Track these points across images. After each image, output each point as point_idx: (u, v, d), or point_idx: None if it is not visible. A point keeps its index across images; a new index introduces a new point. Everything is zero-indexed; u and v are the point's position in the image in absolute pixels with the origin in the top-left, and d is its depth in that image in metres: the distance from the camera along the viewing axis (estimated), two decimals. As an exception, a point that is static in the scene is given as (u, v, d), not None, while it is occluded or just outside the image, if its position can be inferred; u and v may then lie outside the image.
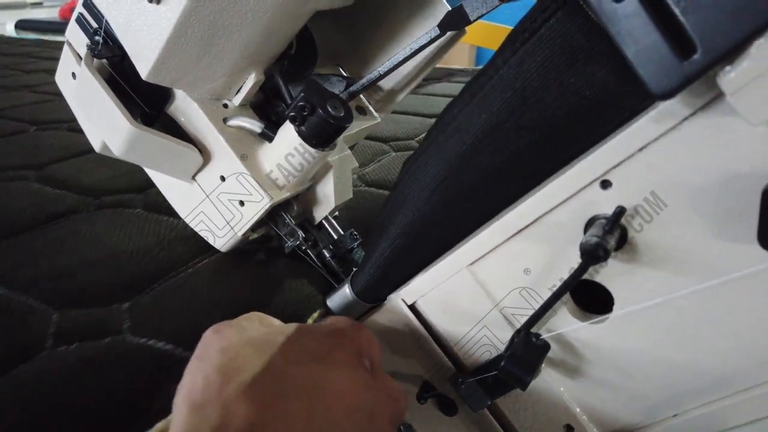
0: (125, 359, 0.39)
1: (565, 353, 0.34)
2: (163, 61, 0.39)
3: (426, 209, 0.35)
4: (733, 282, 0.28)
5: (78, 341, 0.40)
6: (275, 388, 0.27)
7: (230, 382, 0.26)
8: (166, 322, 0.42)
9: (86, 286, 0.46)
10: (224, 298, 0.46)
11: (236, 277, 0.49)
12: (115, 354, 0.39)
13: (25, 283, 0.45)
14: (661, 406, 0.32)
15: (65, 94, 0.49)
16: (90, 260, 0.49)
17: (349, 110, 0.43)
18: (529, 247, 0.32)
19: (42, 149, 0.76)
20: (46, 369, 0.37)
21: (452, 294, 0.36)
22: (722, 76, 0.23)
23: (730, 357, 0.30)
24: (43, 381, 0.36)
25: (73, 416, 0.34)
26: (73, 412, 0.34)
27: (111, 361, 0.38)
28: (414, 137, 0.88)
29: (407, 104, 1.06)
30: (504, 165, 0.32)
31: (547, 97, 0.29)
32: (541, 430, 0.36)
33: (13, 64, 1.45)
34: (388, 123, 0.96)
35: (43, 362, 0.38)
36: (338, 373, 0.29)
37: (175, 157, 0.44)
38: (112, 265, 0.49)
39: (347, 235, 0.50)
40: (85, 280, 0.47)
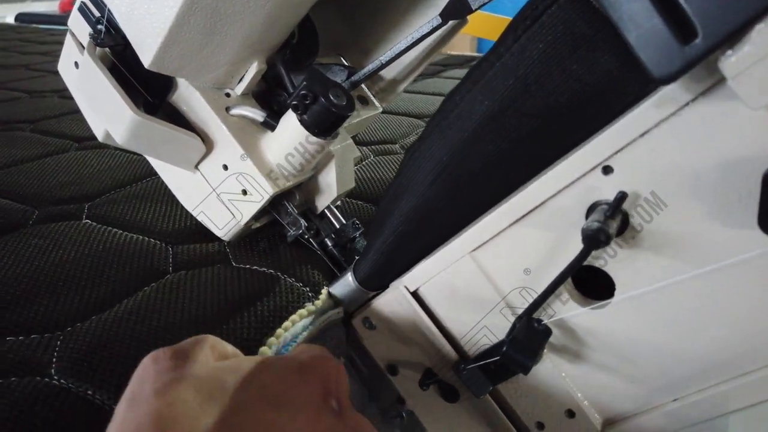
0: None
1: (566, 339, 0.34)
2: (165, 49, 0.39)
3: (429, 196, 0.35)
4: (734, 267, 0.28)
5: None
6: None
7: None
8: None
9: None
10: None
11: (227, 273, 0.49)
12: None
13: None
14: (662, 391, 0.33)
15: (68, 84, 0.49)
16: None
17: (351, 99, 0.43)
18: (530, 233, 0.33)
19: (38, 110, 0.95)
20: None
21: (454, 280, 0.36)
22: (723, 60, 0.23)
23: (730, 341, 0.30)
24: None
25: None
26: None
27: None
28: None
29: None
30: (506, 152, 0.32)
31: (549, 84, 0.29)
32: (542, 415, 0.37)
33: (11, 47, 1.55)
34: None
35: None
36: (301, 421, 0.25)
37: (178, 146, 0.44)
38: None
39: (349, 224, 0.50)
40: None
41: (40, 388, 0.34)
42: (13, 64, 1.37)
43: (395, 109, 0.99)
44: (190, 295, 0.44)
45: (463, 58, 1.57)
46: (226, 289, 0.45)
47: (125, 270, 0.47)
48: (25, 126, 0.87)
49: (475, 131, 0.32)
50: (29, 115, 0.93)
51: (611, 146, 0.28)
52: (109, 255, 0.49)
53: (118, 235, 0.53)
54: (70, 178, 0.66)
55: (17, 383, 0.34)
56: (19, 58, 1.45)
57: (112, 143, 0.47)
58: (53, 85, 1.15)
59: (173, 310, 0.42)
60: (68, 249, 0.50)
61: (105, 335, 0.39)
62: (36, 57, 1.45)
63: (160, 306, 0.42)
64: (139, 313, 0.41)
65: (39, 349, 0.38)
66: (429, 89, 1.17)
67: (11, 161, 0.71)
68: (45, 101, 1.03)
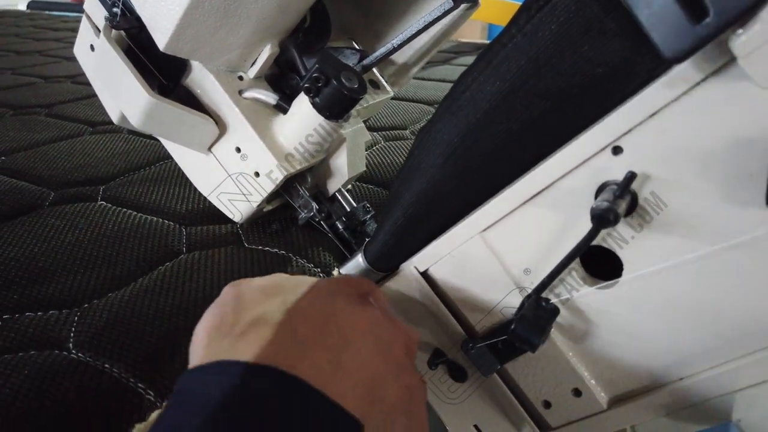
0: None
1: (573, 318, 0.35)
2: (180, 32, 0.40)
3: (439, 177, 0.36)
4: (742, 246, 0.28)
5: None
6: (288, 322, 0.27)
7: (242, 319, 0.28)
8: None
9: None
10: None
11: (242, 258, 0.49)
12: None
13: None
14: (668, 370, 0.33)
15: (83, 67, 0.50)
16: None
17: (363, 82, 0.44)
18: (540, 213, 0.33)
19: (52, 95, 0.97)
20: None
21: (465, 260, 0.37)
22: (734, 39, 0.23)
23: (737, 320, 0.30)
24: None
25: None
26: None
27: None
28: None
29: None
30: (517, 133, 0.32)
31: (561, 65, 0.30)
32: (549, 394, 0.37)
33: (25, 34, 1.58)
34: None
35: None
36: (347, 305, 0.30)
37: (191, 128, 0.45)
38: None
39: (360, 207, 0.51)
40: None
41: (58, 361, 0.35)
42: (27, 51, 1.39)
43: (405, 95, 0.99)
44: (204, 275, 0.45)
45: (473, 45, 1.57)
46: (239, 269, 0.46)
47: (140, 250, 0.48)
48: (40, 110, 0.88)
49: (486, 112, 0.32)
50: (44, 99, 0.94)
51: (621, 127, 0.29)
52: (124, 235, 0.50)
53: (133, 216, 0.54)
54: (85, 161, 0.67)
55: (36, 356, 0.35)
56: (33, 44, 1.47)
57: (127, 126, 0.47)
58: (67, 70, 1.16)
59: (187, 288, 0.43)
60: (84, 229, 0.51)
61: (121, 312, 0.40)
62: (50, 43, 1.47)
63: (175, 285, 0.43)
64: (154, 291, 0.42)
65: (57, 325, 0.39)
66: (439, 76, 1.17)
67: (27, 144, 0.72)
68: (59, 86, 1.04)
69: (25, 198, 0.57)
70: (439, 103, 0.35)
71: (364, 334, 0.29)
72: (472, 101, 0.33)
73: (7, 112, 0.87)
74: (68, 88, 1.02)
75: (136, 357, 0.36)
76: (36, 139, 0.74)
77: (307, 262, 0.47)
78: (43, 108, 0.89)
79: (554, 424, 0.38)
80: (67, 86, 1.04)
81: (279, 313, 0.28)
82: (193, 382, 0.25)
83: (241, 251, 0.48)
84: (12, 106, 0.90)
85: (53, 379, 0.34)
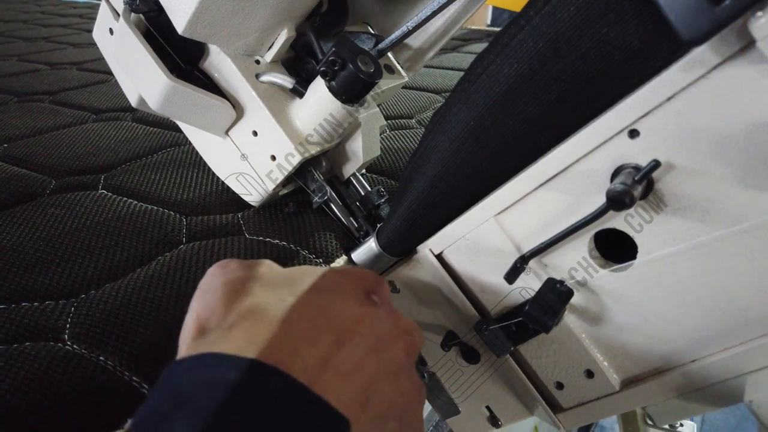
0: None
1: (587, 300, 0.35)
2: (198, 15, 0.40)
3: (454, 161, 0.36)
4: (756, 229, 0.28)
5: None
6: (283, 317, 0.26)
7: (233, 311, 0.27)
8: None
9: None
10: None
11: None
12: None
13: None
14: (681, 352, 0.34)
15: (102, 50, 0.51)
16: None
17: (379, 66, 0.44)
18: (555, 197, 0.33)
19: (57, 82, 0.98)
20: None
21: (479, 243, 0.37)
22: (753, 21, 0.23)
23: (750, 303, 0.30)
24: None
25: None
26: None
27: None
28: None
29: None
30: (534, 116, 0.33)
31: (579, 47, 0.29)
32: (561, 375, 0.38)
33: (32, 20, 1.61)
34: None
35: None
36: (347, 303, 0.29)
37: (209, 111, 0.46)
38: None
39: (374, 191, 0.51)
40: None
41: (53, 353, 0.35)
42: (33, 37, 1.39)
43: (412, 83, 0.99)
44: (203, 266, 0.45)
45: (484, 32, 1.56)
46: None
47: (139, 240, 0.48)
48: (44, 97, 0.89)
49: (502, 95, 0.32)
50: (49, 86, 0.94)
51: (638, 110, 0.29)
52: (123, 225, 0.50)
53: (133, 206, 0.54)
54: (87, 150, 0.67)
55: (31, 348, 0.35)
56: (40, 30, 1.48)
57: (146, 109, 0.48)
58: (73, 57, 1.17)
59: (185, 279, 0.43)
60: (84, 218, 0.51)
61: (118, 303, 0.40)
62: (57, 29, 1.48)
63: (173, 276, 0.43)
64: (152, 283, 0.42)
65: (53, 316, 0.39)
66: (447, 64, 1.16)
67: (30, 132, 0.73)
68: (65, 73, 1.04)
69: (25, 186, 0.57)
70: (454, 88, 0.35)
71: (363, 333, 0.27)
72: (489, 84, 0.33)
73: (12, 99, 0.87)
74: (74, 75, 1.03)
75: (131, 350, 0.36)
76: (39, 127, 0.74)
77: (309, 253, 0.48)
78: (47, 95, 0.90)
79: (566, 405, 0.39)
80: (72, 73, 1.04)
81: (274, 305, 0.27)
82: (178, 373, 0.24)
83: (242, 241, 0.49)
84: (17, 93, 0.91)
85: (47, 371, 0.34)
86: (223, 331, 0.26)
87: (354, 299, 0.29)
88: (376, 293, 0.32)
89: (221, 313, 0.27)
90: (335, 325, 0.27)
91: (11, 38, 1.38)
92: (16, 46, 1.29)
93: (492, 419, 0.45)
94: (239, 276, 0.29)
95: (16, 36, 1.40)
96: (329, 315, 0.27)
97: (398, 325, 0.31)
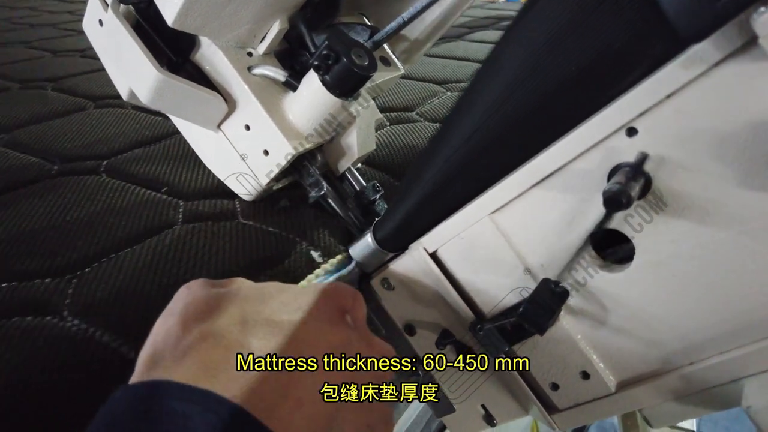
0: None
1: (583, 301, 0.34)
2: (188, 7, 0.39)
3: (452, 160, 0.35)
4: (755, 231, 0.28)
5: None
6: (238, 340, 0.25)
7: (191, 330, 0.26)
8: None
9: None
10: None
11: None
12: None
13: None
14: (677, 355, 0.33)
15: (92, 42, 0.50)
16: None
17: (374, 59, 0.43)
18: (551, 196, 0.33)
19: (60, 67, 0.98)
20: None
21: (474, 242, 0.37)
22: (756, 17, 0.22)
23: (748, 306, 0.30)
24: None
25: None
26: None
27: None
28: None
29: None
30: (530, 115, 0.32)
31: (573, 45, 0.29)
32: (557, 376, 0.37)
33: (39, 7, 1.62)
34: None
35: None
36: (318, 326, 0.28)
37: (200, 105, 0.45)
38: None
39: (369, 186, 0.50)
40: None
41: (51, 326, 0.36)
42: (40, 23, 1.39)
43: (411, 73, 0.97)
44: (202, 249, 0.45)
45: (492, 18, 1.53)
46: (237, 247, 0.46)
47: (138, 221, 0.49)
48: (47, 84, 0.88)
49: (502, 95, 0.32)
50: (52, 73, 0.94)
51: (636, 107, 0.28)
52: (123, 207, 0.51)
53: (133, 190, 0.54)
54: (89, 137, 0.67)
55: (30, 322, 0.36)
56: (47, 17, 1.47)
57: (136, 102, 0.47)
58: (77, 44, 1.16)
59: (180, 260, 0.44)
60: (84, 201, 0.51)
61: (115, 280, 0.41)
62: (64, 15, 1.48)
63: (170, 256, 0.44)
64: (147, 261, 0.43)
65: (54, 292, 0.39)
66: (449, 53, 1.14)
67: (32, 118, 0.73)
68: (68, 60, 1.04)
69: (27, 171, 0.57)
70: (462, 92, 0.35)
71: (331, 361, 0.26)
72: (486, 90, 0.33)
73: (15, 86, 0.87)
74: (77, 62, 1.02)
75: (128, 325, 0.37)
76: (41, 113, 0.74)
77: (308, 245, 0.47)
78: (50, 82, 0.89)
79: (562, 406, 0.38)
80: (76, 60, 1.04)
81: (232, 327, 0.26)
82: (121, 398, 0.23)
83: (238, 227, 0.48)
84: (21, 79, 0.90)
85: (46, 345, 0.34)
86: (177, 357, 0.25)
87: (327, 322, 0.28)
88: (352, 313, 0.31)
89: (176, 335, 0.26)
90: (298, 348, 0.26)
91: (19, 25, 1.38)
92: (24, 33, 1.29)
93: (487, 417, 0.44)
94: (202, 296, 0.28)
95: (23, 23, 1.40)
96: (297, 340, 0.26)
97: (371, 349, 0.30)
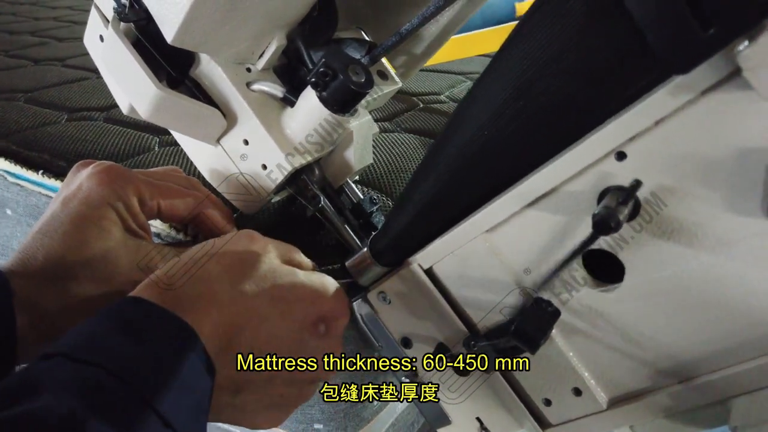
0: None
1: (575, 319, 0.35)
2: (187, 24, 0.40)
3: (447, 177, 0.36)
4: (742, 254, 0.28)
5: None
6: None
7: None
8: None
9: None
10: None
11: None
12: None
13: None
14: (667, 373, 0.33)
15: (93, 57, 0.50)
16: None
17: (370, 76, 0.43)
18: (543, 217, 0.33)
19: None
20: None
21: (468, 260, 0.37)
22: (739, 50, 0.23)
23: (737, 326, 0.30)
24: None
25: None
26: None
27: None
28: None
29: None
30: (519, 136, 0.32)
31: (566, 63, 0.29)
32: (549, 392, 0.38)
33: (42, 1, 1.67)
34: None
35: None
36: (287, 324, 0.33)
37: (200, 120, 0.45)
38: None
39: (367, 199, 0.51)
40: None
41: None
42: (18, 31, 1.36)
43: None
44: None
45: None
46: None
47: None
48: (20, 96, 0.86)
49: (493, 115, 0.32)
50: (27, 84, 0.91)
51: (625, 133, 0.28)
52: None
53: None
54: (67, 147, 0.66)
55: None
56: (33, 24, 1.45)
57: (137, 116, 0.48)
58: (57, 53, 1.14)
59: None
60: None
61: None
62: (63, 10, 1.49)
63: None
64: None
65: None
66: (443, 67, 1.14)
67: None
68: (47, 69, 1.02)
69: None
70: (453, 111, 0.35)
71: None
72: (477, 109, 0.33)
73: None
74: (56, 71, 1.00)
75: None
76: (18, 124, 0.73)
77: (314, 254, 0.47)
78: (23, 93, 0.87)
79: (554, 421, 0.39)
80: (56, 70, 1.01)
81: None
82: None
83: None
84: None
85: None
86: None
87: (299, 323, 0.33)
88: (329, 323, 0.34)
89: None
90: (260, 340, 0.32)
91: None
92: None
93: (483, 430, 0.45)
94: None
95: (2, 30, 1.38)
96: (263, 329, 0.32)
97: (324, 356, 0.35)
